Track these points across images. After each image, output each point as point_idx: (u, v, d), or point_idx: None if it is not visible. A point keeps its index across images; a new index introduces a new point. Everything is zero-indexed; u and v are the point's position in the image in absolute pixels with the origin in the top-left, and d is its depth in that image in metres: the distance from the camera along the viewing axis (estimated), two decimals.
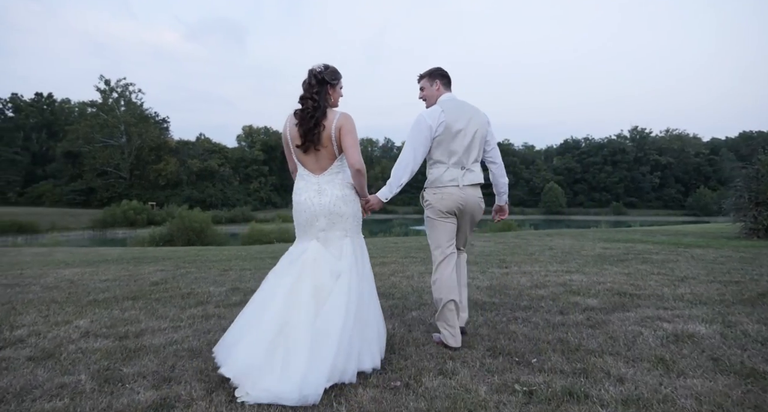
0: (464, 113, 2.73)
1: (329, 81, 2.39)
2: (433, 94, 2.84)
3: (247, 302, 2.47)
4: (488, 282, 4.58)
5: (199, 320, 3.22)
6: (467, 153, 2.73)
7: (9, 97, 64.28)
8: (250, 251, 8.38)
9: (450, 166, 2.71)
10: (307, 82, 2.37)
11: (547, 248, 7.74)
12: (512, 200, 77.70)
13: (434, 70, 2.87)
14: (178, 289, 4.40)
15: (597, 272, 5.11)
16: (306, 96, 2.35)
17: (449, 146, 2.69)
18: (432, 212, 2.76)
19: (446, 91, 2.85)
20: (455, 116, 2.70)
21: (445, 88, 2.85)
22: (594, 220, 59.10)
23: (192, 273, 5.46)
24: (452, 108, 2.72)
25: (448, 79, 2.87)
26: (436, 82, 2.84)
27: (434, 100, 2.83)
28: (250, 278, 5.02)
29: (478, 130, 2.75)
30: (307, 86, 2.37)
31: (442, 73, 2.87)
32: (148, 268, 5.96)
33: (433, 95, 2.84)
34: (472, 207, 2.77)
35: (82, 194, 57.72)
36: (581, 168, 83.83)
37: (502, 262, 6.09)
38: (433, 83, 2.84)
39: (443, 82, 2.85)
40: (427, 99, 2.87)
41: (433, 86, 2.84)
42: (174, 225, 24.84)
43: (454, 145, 2.69)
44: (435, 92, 2.84)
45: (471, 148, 2.73)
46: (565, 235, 11.16)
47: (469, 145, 2.72)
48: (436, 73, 2.86)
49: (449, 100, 2.79)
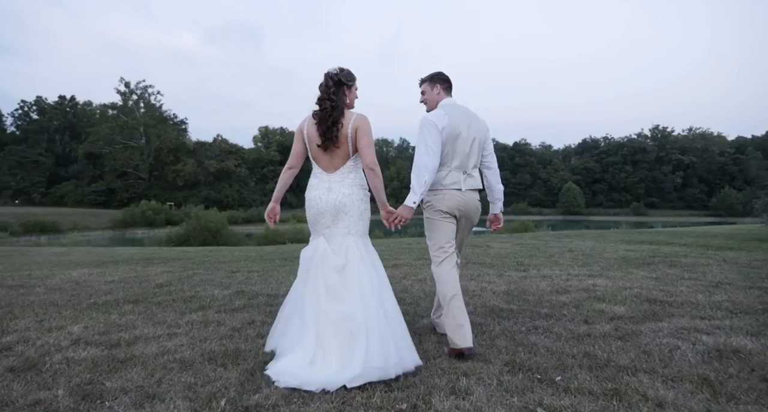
0: (465, 118, 2.75)
1: (345, 82, 2.47)
2: (434, 98, 2.86)
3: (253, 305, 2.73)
4: (505, 287, 4.32)
5: (197, 327, 3.04)
6: (468, 158, 2.73)
7: (34, 100, 66.05)
8: (260, 251, 8.24)
9: (452, 170, 2.71)
10: (324, 85, 2.46)
11: (567, 250, 7.42)
12: (529, 200, 78.46)
13: (435, 74, 2.89)
14: (182, 292, 4.24)
15: (622, 277, 4.80)
16: (324, 97, 2.43)
17: (451, 150, 2.70)
18: (432, 211, 2.76)
19: (447, 96, 2.87)
20: (457, 121, 2.70)
21: (445, 93, 2.87)
22: (613, 221, 57.84)
23: (199, 275, 5.31)
24: (454, 112, 2.74)
25: (449, 84, 2.89)
26: (437, 87, 2.86)
27: (434, 104, 2.85)
28: (257, 280, 4.84)
29: (477, 136, 2.76)
30: (324, 88, 2.45)
31: (443, 78, 2.88)
32: (156, 269, 5.85)
33: (433, 99, 2.87)
34: (471, 211, 2.78)
35: (103, 195, 58.82)
36: (600, 168, 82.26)
37: (520, 264, 5.81)
38: (433, 87, 2.86)
39: (444, 86, 2.86)
40: (428, 103, 2.90)
41: (434, 90, 2.86)
42: (190, 225, 25.01)
43: (456, 149, 2.70)
44: (435, 97, 2.86)
45: (471, 153, 2.74)
46: (585, 236, 10.77)
47: (469, 150, 2.73)
48: (437, 78, 2.87)
49: (450, 104, 2.80)
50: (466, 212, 2.75)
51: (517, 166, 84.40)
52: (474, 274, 5.08)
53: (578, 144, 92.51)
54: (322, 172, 2.51)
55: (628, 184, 78.84)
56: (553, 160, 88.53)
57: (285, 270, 5.57)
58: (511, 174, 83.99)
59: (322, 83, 2.47)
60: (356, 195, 2.48)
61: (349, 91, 2.51)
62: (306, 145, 2.50)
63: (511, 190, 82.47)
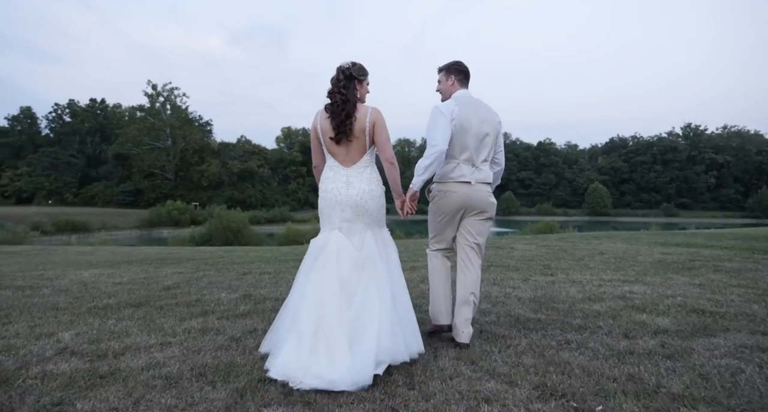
0: (477, 111, 2.70)
1: (357, 77, 2.47)
2: (448, 89, 2.82)
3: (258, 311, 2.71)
4: (531, 293, 3.96)
5: (193, 336, 2.81)
6: (477, 151, 2.69)
7: (66, 103, 68.15)
8: (276, 252, 8.05)
9: (460, 162, 2.68)
10: (335, 78, 2.47)
11: (597, 253, 6.97)
12: (554, 201, 76.60)
13: (452, 64, 2.82)
14: (187, 295, 4.03)
15: (661, 283, 4.37)
16: (334, 90, 2.45)
17: (460, 142, 2.66)
18: (434, 207, 2.78)
19: (462, 88, 2.81)
20: (468, 113, 2.66)
21: (460, 85, 2.81)
22: (642, 222, 56.08)
23: (209, 276, 5.12)
24: (466, 105, 2.69)
25: (465, 75, 2.82)
26: (452, 78, 2.81)
27: (448, 95, 2.81)
28: (267, 283, 4.61)
29: (489, 130, 2.71)
30: (335, 81, 2.47)
31: (460, 69, 2.82)
32: (167, 270, 5.69)
33: (447, 90, 2.82)
34: (480, 203, 2.70)
35: (131, 195, 60.24)
36: (628, 167, 79.90)
37: (547, 268, 5.42)
38: (448, 78, 2.81)
39: (459, 77, 2.81)
40: (442, 93, 2.86)
41: (449, 81, 2.81)
42: (212, 225, 25.24)
43: (465, 141, 2.66)
44: (449, 87, 2.81)
45: (481, 146, 2.70)
46: (615, 238, 10.21)
47: (479, 144, 2.69)
48: (453, 68, 2.81)
49: (463, 96, 2.75)
50: (473, 204, 2.69)
51: (542, 166, 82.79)
52: (497, 278, 4.73)
53: (605, 143, 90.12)
54: (338, 165, 2.51)
55: (658, 184, 76.34)
56: (579, 159, 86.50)
57: None
58: (535, 174, 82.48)
59: (334, 77, 2.48)
60: (376, 191, 2.52)
61: (360, 86, 2.52)
62: (320, 139, 2.52)
63: (535, 190, 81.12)
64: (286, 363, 2.09)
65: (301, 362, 2.06)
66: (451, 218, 2.74)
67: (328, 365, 2.04)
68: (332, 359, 2.06)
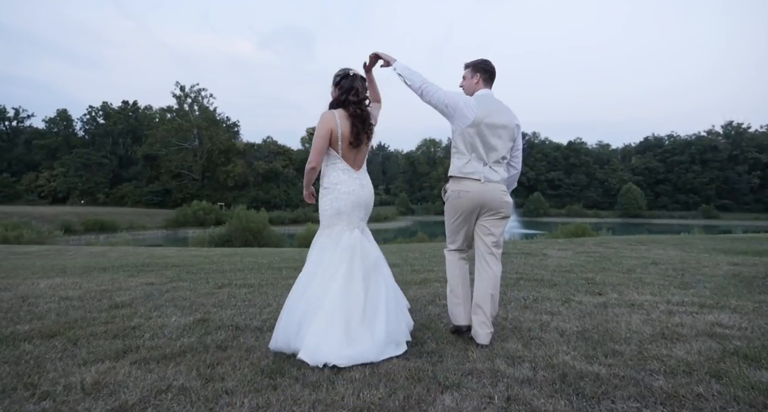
0: (495, 112, 2.67)
1: None
2: (471, 86, 2.80)
3: (199, 349, 2.46)
4: (577, 323, 2.93)
5: (74, 398, 1.92)
6: (492, 151, 2.67)
7: (100, 106, 69.83)
8: (276, 257, 7.17)
9: (472, 160, 2.67)
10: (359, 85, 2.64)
11: (649, 262, 5.83)
12: (585, 202, 74.07)
13: (480, 62, 2.81)
14: (128, 319, 3.16)
15: (754, 309, 3.26)
16: (362, 98, 2.63)
17: (473, 140, 2.64)
18: (449, 207, 2.76)
19: (485, 87, 2.79)
20: (486, 112, 2.64)
21: (485, 84, 2.79)
22: (680, 224, 53.25)
23: (179, 288, 4.29)
24: (486, 104, 2.68)
25: (490, 75, 2.80)
26: (477, 76, 2.78)
27: (471, 92, 2.80)
28: (239, 301, 3.72)
29: (505, 132, 2.69)
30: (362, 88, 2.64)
31: (486, 68, 2.79)
32: (138, 280, 4.90)
33: (470, 88, 2.80)
34: (494, 202, 2.67)
35: (159, 195, 61.12)
36: (664, 168, 76.29)
37: (591, 283, 4.36)
38: (474, 76, 2.79)
39: (484, 76, 2.78)
40: (465, 89, 2.84)
41: (473, 79, 2.79)
42: (232, 226, 24.82)
43: (480, 140, 2.64)
44: (474, 85, 2.79)
45: (496, 147, 2.67)
46: (663, 243, 8.91)
47: (493, 144, 2.66)
48: (479, 66, 2.79)
49: (486, 96, 2.74)
50: (487, 203, 2.66)
51: (572, 167, 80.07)
52: (528, 298, 3.71)
53: (639, 143, 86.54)
54: (349, 169, 2.62)
55: (696, 185, 72.56)
56: (611, 159, 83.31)
57: (286, 284, 4.44)
58: (565, 174, 79.83)
59: (356, 85, 2.61)
60: None
61: None
62: (338, 142, 2.55)
63: (565, 191, 78.48)
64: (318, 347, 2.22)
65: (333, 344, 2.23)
66: (466, 217, 2.72)
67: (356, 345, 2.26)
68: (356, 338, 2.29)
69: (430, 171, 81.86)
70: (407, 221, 63.46)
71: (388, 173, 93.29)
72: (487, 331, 2.55)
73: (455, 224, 2.75)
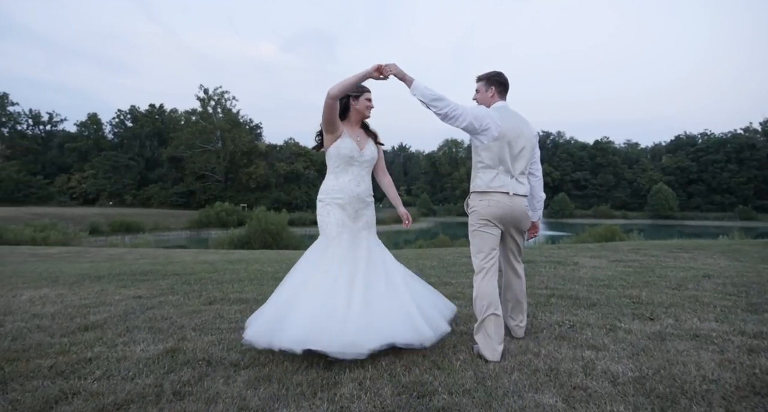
0: (516, 124, 2.68)
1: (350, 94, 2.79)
2: (487, 99, 2.79)
3: (153, 399, 2.02)
4: (631, 363, 2.32)
5: None
6: (515, 163, 2.66)
7: (128, 109, 71.47)
8: (284, 265, 6.67)
9: (500, 173, 2.64)
10: None
11: (700, 275, 5.11)
12: (613, 203, 71.95)
13: (493, 74, 2.78)
14: (92, 346, 2.71)
15: None
16: None
17: (500, 153, 2.63)
18: (476, 218, 2.69)
19: (500, 100, 2.78)
20: (510, 125, 2.65)
21: (499, 96, 2.78)
22: (715, 226, 50.95)
23: (165, 304, 3.84)
24: (506, 116, 2.68)
25: (504, 87, 2.79)
26: (492, 89, 2.77)
27: (486, 105, 2.77)
28: (224, 323, 3.24)
29: (527, 143, 2.69)
30: None
31: (501, 81, 2.78)
32: (129, 291, 4.48)
33: (485, 101, 2.79)
34: (519, 216, 2.69)
35: (184, 196, 62.02)
36: (697, 167, 73.26)
37: (637, 303, 3.72)
38: (488, 89, 2.78)
39: (499, 89, 2.77)
40: (479, 102, 2.83)
41: (488, 92, 2.78)
42: (252, 227, 24.66)
43: (504, 153, 2.63)
44: (489, 99, 2.78)
45: (519, 158, 2.68)
46: (709, 250, 8.06)
47: (518, 156, 2.66)
48: (494, 79, 2.78)
49: (503, 108, 2.73)
50: (513, 218, 2.67)
51: (599, 167, 77.77)
52: (564, 324, 3.11)
53: (670, 141, 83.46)
54: None
55: (732, 185, 69.36)
56: (641, 159, 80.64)
57: None
58: (591, 175, 77.63)
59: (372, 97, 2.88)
60: (317, 198, 2.91)
61: (356, 102, 2.80)
62: None
63: (591, 191, 76.28)
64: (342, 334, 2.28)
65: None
66: (495, 229, 2.66)
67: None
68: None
69: (452, 172, 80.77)
70: (429, 222, 62.66)
71: (409, 174, 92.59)
72: (523, 326, 2.83)
73: (482, 232, 2.66)
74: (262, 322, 2.45)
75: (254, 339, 2.37)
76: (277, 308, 2.48)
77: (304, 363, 2.39)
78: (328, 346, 2.24)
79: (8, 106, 67.42)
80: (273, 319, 2.41)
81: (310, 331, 2.27)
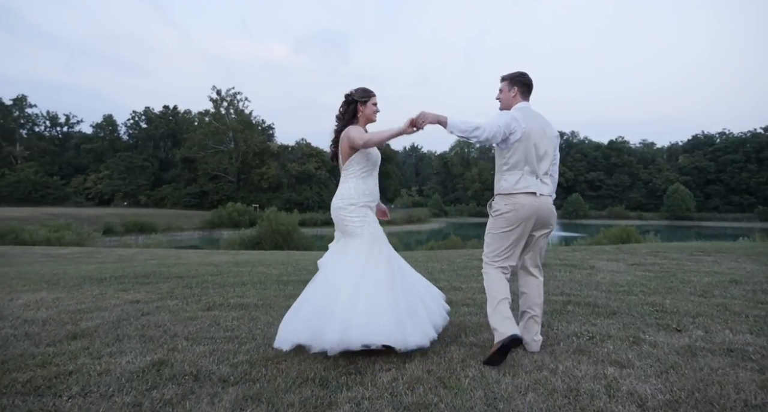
0: (539, 125, 2.68)
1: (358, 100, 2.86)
2: (509, 100, 2.78)
3: None
4: (661, 383, 2.07)
5: None
6: (540, 163, 2.66)
7: (143, 111, 72.28)
8: (290, 267, 6.50)
9: (525, 174, 2.64)
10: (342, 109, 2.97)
11: (726, 280, 4.82)
12: (629, 204, 70.70)
13: (517, 75, 2.77)
14: (77, 357, 2.56)
15: None
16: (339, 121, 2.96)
17: (525, 154, 2.62)
18: (500, 222, 2.65)
19: (523, 100, 2.77)
20: (534, 125, 2.65)
21: (522, 97, 2.77)
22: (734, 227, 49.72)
23: (162, 309, 3.69)
24: (530, 118, 2.67)
25: (527, 88, 2.77)
26: (515, 89, 2.76)
27: (508, 105, 2.78)
28: (220, 331, 3.07)
29: (549, 144, 2.70)
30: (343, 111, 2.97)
31: (524, 81, 2.76)
32: (129, 295, 4.34)
33: (508, 101, 2.78)
34: (546, 214, 2.66)
35: (197, 197, 62.49)
36: (716, 167, 71.68)
37: (661, 311, 3.46)
38: (511, 89, 2.77)
39: (522, 90, 2.76)
40: (502, 102, 2.81)
41: (511, 92, 2.77)
42: (262, 228, 24.62)
43: (530, 154, 2.62)
44: (511, 99, 2.77)
45: (544, 159, 2.68)
46: (732, 253, 7.68)
47: (542, 157, 2.66)
48: (517, 79, 2.76)
49: (526, 109, 2.72)
50: (540, 217, 2.64)
51: (613, 167, 76.59)
52: (583, 335, 2.87)
53: (688, 141, 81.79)
54: None
55: (752, 185, 67.73)
56: (656, 159, 79.23)
57: (286, 305, 3.76)
58: (606, 175, 76.50)
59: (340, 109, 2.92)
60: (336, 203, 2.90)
61: (364, 107, 2.84)
62: None
63: (605, 192, 75.12)
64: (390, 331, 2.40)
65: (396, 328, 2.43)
66: (521, 232, 2.65)
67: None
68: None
69: (463, 172, 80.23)
70: (440, 223, 62.28)
71: (421, 174, 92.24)
72: (539, 340, 2.67)
73: (508, 239, 2.65)
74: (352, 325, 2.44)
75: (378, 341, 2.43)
76: (363, 311, 2.47)
77: (298, 380, 2.20)
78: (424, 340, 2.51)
79: (26, 108, 68.70)
80: (365, 322, 2.43)
81: (394, 329, 2.44)
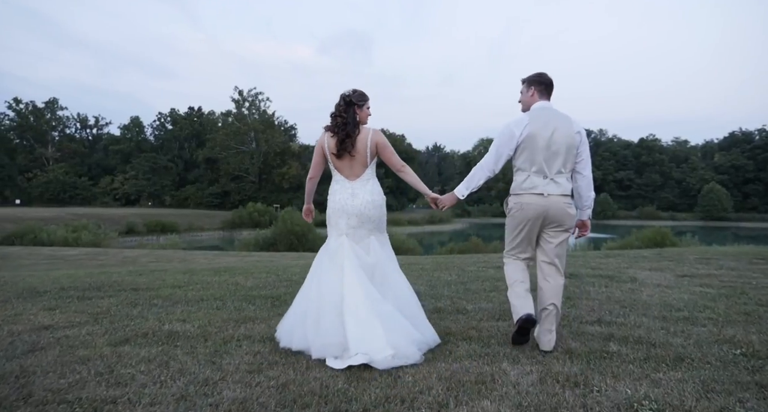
0: (550, 123, 2.69)
1: (356, 102, 2.89)
2: (527, 100, 2.84)
3: None
4: None
5: None
6: (550, 162, 2.68)
7: (168, 112, 73.34)
8: (270, 278, 5.65)
9: (531, 174, 2.69)
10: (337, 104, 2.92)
11: None
12: (660, 204, 67.86)
13: (534, 76, 2.84)
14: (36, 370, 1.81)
15: None
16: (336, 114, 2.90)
17: (531, 155, 2.68)
18: (511, 220, 2.80)
19: (542, 100, 2.81)
20: (541, 125, 2.68)
21: (540, 96, 2.81)
22: None
23: (54, 346, 2.92)
24: (540, 117, 2.71)
25: (545, 87, 2.81)
26: (532, 89, 2.82)
27: (527, 106, 2.84)
28: (99, 389, 2.28)
29: (562, 142, 2.67)
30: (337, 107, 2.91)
31: (540, 81, 2.82)
32: (44, 317, 3.50)
33: (526, 102, 2.85)
34: (555, 214, 2.68)
35: (219, 197, 62.93)
36: (754, 165, 68.24)
37: (752, 358, 2.52)
38: (529, 89, 2.83)
39: (539, 89, 2.81)
40: (522, 104, 2.90)
41: (529, 92, 2.83)
42: (277, 228, 24.10)
43: (536, 154, 2.67)
44: (529, 99, 2.83)
45: (555, 158, 2.67)
46: None
47: (552, 156, 2.67)
48: (534, 80, 2.83)
49: (541, 108, 2.77)
50: (548, 217, 2.68)
51: (644, 166, 73.74)
52: (640, 402, 1.97)
53: (723, 138, 78.10)
54: (344, 179, 2.92)
55: None
56: (690, 157, 75.87)
57: (232, 336, 2.95)
58: (636, 174, 73.74)
59: (337, 103, 2.90)
60: (378, 201, 2.91)
61: (360, 110, 2.90)
62: (326, 156, 2.92)
63: (635, 191, 72.41)
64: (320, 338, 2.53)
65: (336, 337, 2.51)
66: (529, 230, 2.72)
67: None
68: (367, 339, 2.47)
69: None
70: (463, 223, 61.03)
71: (444, 174, 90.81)
72: (549, 337, 2.63)
73: (518, 236, 2.77)
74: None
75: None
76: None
77: None
78: None
79: (58, 110, 70.60)
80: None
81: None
